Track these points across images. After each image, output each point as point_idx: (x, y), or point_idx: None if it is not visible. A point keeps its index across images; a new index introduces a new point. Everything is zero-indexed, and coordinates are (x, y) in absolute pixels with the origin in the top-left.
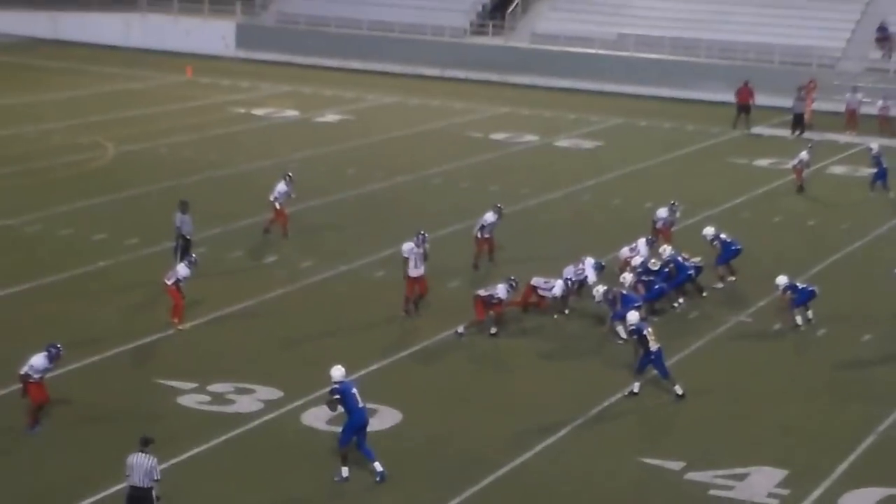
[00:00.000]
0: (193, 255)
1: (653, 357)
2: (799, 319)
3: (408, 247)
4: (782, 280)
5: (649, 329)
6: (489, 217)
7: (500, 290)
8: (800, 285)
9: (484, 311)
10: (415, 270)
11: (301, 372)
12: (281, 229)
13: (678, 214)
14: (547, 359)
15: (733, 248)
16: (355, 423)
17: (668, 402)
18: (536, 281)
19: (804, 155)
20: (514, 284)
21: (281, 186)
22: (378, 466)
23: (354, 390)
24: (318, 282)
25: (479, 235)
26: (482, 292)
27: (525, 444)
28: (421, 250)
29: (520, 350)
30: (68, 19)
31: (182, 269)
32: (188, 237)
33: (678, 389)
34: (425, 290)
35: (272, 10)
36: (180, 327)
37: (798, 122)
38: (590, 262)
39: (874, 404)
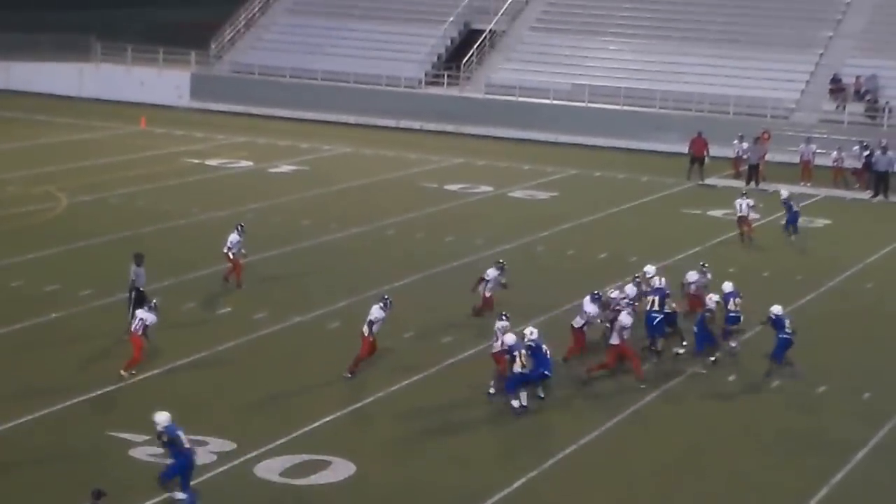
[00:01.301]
0: (154, 300)
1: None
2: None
3: (377, 312)
4: (726, 287)
5: (522, 351)
6: (491, 273)
7: (510, 339)
8: (731, 310)
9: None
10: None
11: (255, 423)
12: (235, 279)
13: (710, 276)
14: (500, 411)
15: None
16: (184, 465)
17: (622, 454)
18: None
19: (743, 204)
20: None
21: (233, 237)
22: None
23: (180, 433)
24: (272, 333)
25: (483, 293)
26: (497, 346)
27: (478, 497)
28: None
29: (472, 399)
30: (20, 68)
31: (148, 316)
32: (142, 289)
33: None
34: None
35: (226, 61)
36: (124, 373)
37: (753, 173)
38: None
39: (828, 456)
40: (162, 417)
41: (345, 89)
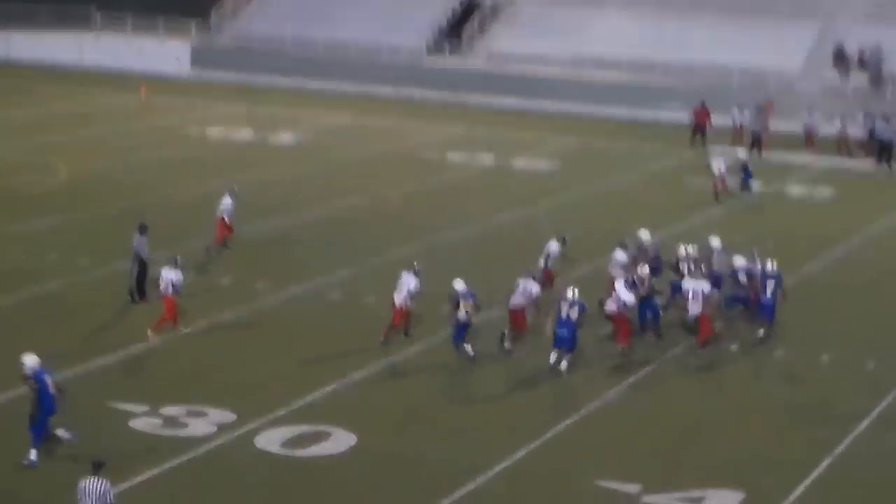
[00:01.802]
0: (177, 256)
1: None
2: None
3: (411, 280)
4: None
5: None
6: (553, 247)
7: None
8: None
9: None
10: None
11: (254, 394)
12: (221, 243)
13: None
14: (503, 381)
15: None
16: (47, 410)
17: (625, 425)
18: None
19: (719, 164)
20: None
21: (227, 201)
22: (33, 455)
23: (47, 376)
24: (272, 304)
25: (544, 265)
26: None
27: (480, 467)
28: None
29: (476, 372)
30: (20, 38)
31: (173, 274)
32: (144, 260)
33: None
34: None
35: (227, 31)
36: (152, 337)
37: (756, 143)
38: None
39: (832, 426)
40: (30, 360)
41: (346, 59)
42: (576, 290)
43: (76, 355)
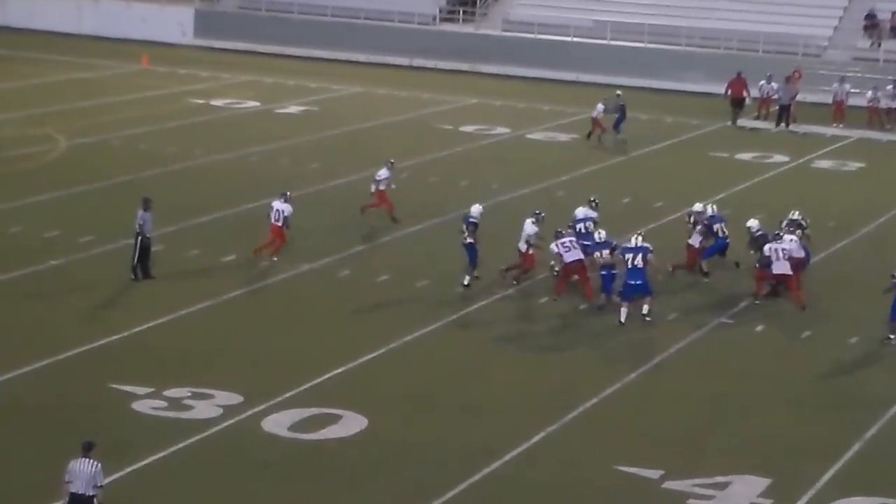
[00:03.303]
0: (287, 192)
1: None
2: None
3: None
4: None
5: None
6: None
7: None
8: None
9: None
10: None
11: (262, 376)
12: (382, 213)
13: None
14: (519, 361)
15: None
16: None
17: (646, 408)
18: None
19: (600, 107)
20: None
21: (383, 172)
22: None
23: None
24: (280, 281)
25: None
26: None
27: (496, 451)
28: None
29: (490, 351)
30: (17, 4)
31: (284, 207)
32: (148, 236)
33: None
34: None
35: None
36: (274, 258)
37: (784, 114)
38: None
39: (861, 409)
40: None
41: (356, 26)
42: (639, 238)
43: (77, 335)
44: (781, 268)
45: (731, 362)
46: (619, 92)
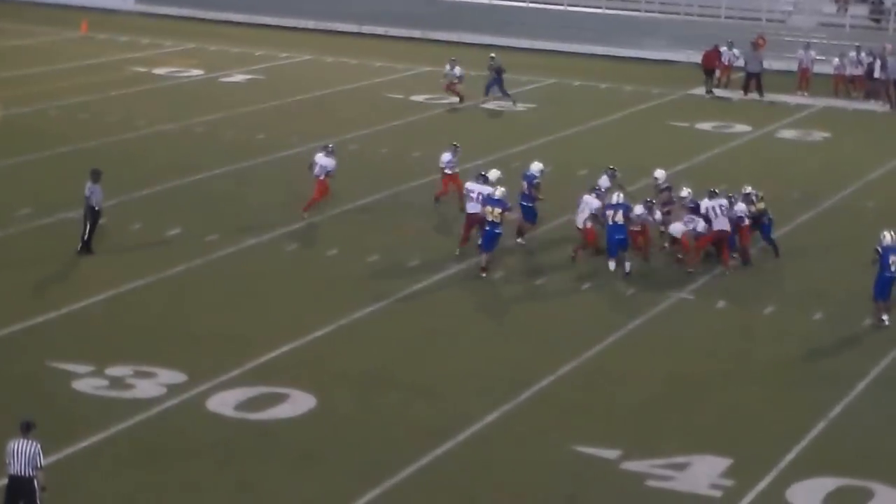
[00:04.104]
0: (330, 144)
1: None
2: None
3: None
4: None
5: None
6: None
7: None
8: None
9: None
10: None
11: (207, 353)
12: (445, 196)
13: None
14: (473, 338)
15: None
16: None
17: (603, 387)
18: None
19: (452, 70)
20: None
21: (447, 155)
22: None
23: None
24: (225, 256)
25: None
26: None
27: (449, 431)
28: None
29: (444, 328)
30: None
31: (328, 161)
32: (96, 208)
33: None
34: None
35: None
36: (304, 214)
37: (750, 81)
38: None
39: (825, 388)
40: None
41: None
42: (620, 195)
43: (14, 311)
44: (722, 224)
45: (691, 339)
46: (493, 55)
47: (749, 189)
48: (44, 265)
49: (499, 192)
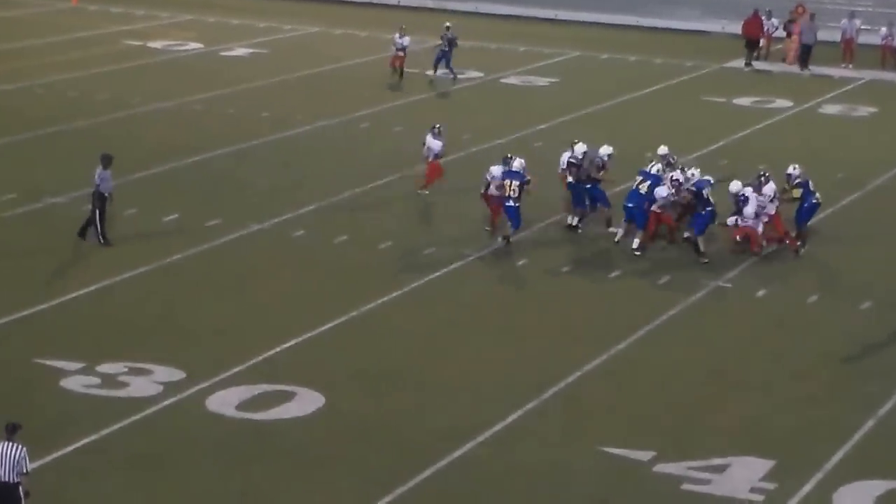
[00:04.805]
0: (437, 125)
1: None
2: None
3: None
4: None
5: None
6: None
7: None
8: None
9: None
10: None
11: (207, 349)
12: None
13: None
14: (492, 332)
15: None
16: None
17: (634, 384)
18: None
19: (401, 39)
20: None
21: (437, 143)
22: None
23: None
24: (227, 243)
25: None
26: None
27: (469, 432)
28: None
29: (461, 321)
30: None
31: (435, 143)
32: (106, 195)
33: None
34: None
35: None
36: (426, 191)
37: (808, 55)
38: None
39: (874, 383)
40: None
41: None
42: (661, 168)
43: None
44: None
45: (728, 331)
46: (448, 24)
47: (763, 170)
48: (30, 254)
49: (517, 163)
